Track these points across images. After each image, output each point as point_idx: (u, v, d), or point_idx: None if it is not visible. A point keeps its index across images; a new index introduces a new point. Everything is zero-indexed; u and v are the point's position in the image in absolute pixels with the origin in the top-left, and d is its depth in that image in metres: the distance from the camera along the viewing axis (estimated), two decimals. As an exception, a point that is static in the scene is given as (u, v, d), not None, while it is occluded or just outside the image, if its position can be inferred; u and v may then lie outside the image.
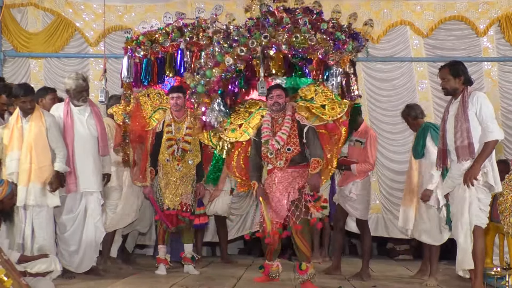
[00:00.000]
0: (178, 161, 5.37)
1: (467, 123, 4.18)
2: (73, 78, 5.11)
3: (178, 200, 5.37)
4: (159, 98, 5.62)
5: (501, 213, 4.62)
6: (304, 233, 4.73)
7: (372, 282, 5.10)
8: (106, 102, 5.68)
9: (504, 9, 7.27)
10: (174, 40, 5.49)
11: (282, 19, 5.07)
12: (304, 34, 4.95)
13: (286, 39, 4.96)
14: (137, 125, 5.47)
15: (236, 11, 6.77)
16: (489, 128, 4.14)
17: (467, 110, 4.21)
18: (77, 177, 5.01)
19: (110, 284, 4.76)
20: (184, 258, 5.50)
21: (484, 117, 4.18)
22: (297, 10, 5.20)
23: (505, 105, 7.27)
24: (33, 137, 4.80)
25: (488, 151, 4.13)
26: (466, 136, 4.18)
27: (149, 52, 5.48)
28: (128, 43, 5.55)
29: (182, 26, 5.56)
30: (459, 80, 4.36)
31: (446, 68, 4.43)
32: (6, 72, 7.35)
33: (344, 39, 4.99)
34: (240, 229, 7.20)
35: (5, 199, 4.18)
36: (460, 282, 5.20)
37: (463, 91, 4.33)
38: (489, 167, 4.17)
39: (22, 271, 4.00)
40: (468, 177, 4.11)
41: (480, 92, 4.43)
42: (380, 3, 7.14)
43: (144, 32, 5.58)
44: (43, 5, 7.40)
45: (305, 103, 5.07)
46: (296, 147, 4.81)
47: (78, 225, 5.06)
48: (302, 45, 4.94)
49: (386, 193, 7.15)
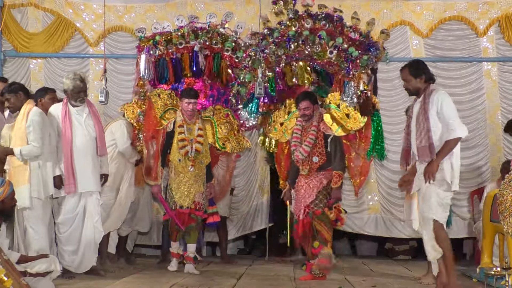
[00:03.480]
0: (192, 162, 5.42)
1: (427, 123, 4.19)
2: (71, 78, 5.11)
3: (191, 199, 5.43)
4: (169, 99, 5.66)
5: (501, 213, 4.61)
6: (323, 218, 5.05)
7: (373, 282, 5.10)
8: (106, 102, 5.71)
9: (504, 9, 7.26)
10: (188, 42, 5.63)
11: (302, 32, 5.32)
12: (323, 47, 5.19)
13: (307, 50, 5.22)
14: (150, 124, 5.56)
15: (236, 11, 6.77)
16: (451, 126, 4.16)
17: (428, 110, 4.21)
18: (76, 178, 5.00)
19: (110, 284, 4.77)
20: (187, 257, 5.53)
21: (445, 115, 4.18)
22: (319, 16, 5.41)
23: (505, 105, 7.26)
24: (13, 136, 4.79)
25: (448, 149, 4.15)
26: (426, 136, 4.20)
27: (164, 53, 5.61)
28: (144, 42, 5.68)
29: (197, 29, 5.70)
30: (421, 80, 4.35)
31: (406, 69, 4.43)
32: (6, 72, 7.34)
33: (357, 55, 5.14)
34: (240, 229, 7.20)
35: (6, 199, 4.19)
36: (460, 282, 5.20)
37: (425, 90, 4.32)
38: (447, 165, 4.19)
39: (22, 271, 3.99)
40: (427, 173, 4.15)
41: (441, 90, 4.40)
42: (380, 4, 7.13)
43: (160, 32, 5.71)
44: (43, 5, 7.39)
45: (332, 109, 5.22)
46: (322, 157, 5.13)
47: (77, 226, 5.06)
48: (320, 58, 5.18)
49: (385, 193, 7.15)
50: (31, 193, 4.71)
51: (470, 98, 7.26)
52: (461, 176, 6.97)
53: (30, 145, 4.71)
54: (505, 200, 4.59)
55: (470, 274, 5.41)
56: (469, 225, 7.01)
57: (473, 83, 7.29)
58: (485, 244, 5.41)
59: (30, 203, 4.70)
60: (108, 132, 5.70)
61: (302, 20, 5.45)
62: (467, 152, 7.16)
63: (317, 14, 5.51)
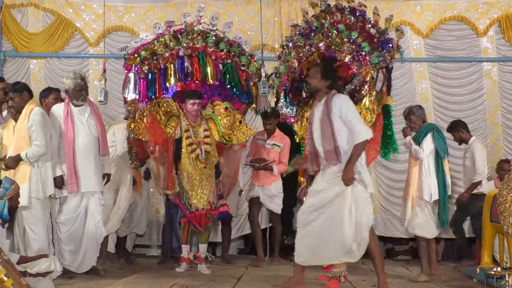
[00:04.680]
0: (204, 163, 5.48)
1: (332, 127, 4.21)
2: (71, 77, 5.12)
3: (205, 200, 5.48)
4: (169, 106, 5.64)
5: (500, 213, 4.61)
6: None
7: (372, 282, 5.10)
8: (106, 102, 5.69)
9: (504, 10, 7.27)
10: (172, 49, 5.55)
11: (324, 24, 5.33)
12: (342, 40, 5.20)
13: (325, 41, 5.23)
14: (158, 137, 5.51)
15: (236, 11, 6.78)
16: (356, 129, 4.16)
17: (331, 114, 4.22)
18: (79, 178, 5.01)
19: (110, 284, 4.77)
20: (199, 257, 5.57)
21: (349, 119, 4.19)
22: (346, 9, 5.43)
23: (505, 105, 7.27)
24: (15, 136, 4.82)
25: (358, 152, 4.16)
26: (332, 140, 4.21)
27: (152, 66, 5.54)
28: (132, 60, 5.54)
29: (177, 34, 5.62)
30: (325, 82, 4.34)
31: (319, 67, 4.41)
32: (6, 72, 7.34)
33: (368, 50, 5.14)
34: (240, 229, 7.20)
35: (13, 197, 4.21)
36: (460, 282, 5.21)
37: (327, 94, 4.32)
38: (360, 167, 4.22)
39: (22, 271, 4.00)
40: (345, 179, 4.14)
41: (341, 94, 4.41)
42: (380, 4, 7.12)
43: (144, 45, 5.59)
44: (43, 5, 7.39)
45: None
46: None
47: (78, 225, 5.06)
48: (337, 48, 5.17)
49: (385, 193, 7.16)
50: (30, 192, 4.72)
51: (470, 98, 7.27)
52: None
53: (33, 147, 4.72)
54: (504, 201, 4.60)
55: (470, 274, 5.41)
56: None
57: (473, 83, 7.29)
58: (485, 244, 5.41)
59: (28, 202, 4.69)
60: (110, 133, 5.71)
61: (331, 14, 5.49)
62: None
63: (344, 8, 5.53)
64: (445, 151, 5.25)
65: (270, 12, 7.29)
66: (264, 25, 7.05)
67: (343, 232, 4.13)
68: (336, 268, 4.71)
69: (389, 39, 5.35)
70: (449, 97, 7.30)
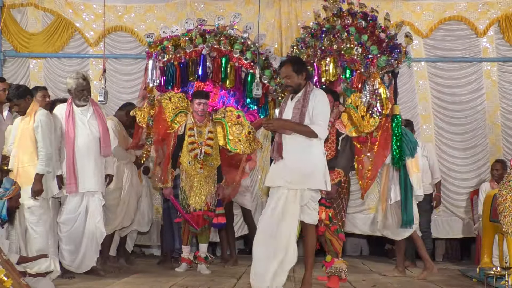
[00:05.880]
0: (201, 164, 5.49)
1: (302, 121, 4.21)
2: (74, 77, 5.14)
3: (203, 200, 5.49)
4: (180, 102, 5.66)
5: (500, 213, 4.62)
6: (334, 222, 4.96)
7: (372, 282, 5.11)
8: (105, 102, 5.71)
9: (503, 10, 7.26)
10: (196, 46, 5.62)
11: (335, 26, 5.34)
12: (352, 43, 5.22)
13: (337, 45, 5.24)
14: (160, 128, 5.55)
15: (236, 11, 6.76)
16: (317, 122, 4.17)
17: (306, 107, 4.23)
18: (78, 178, 5.02)
19: (110, 284, 4.77)
20: (199, 257, 5.59)
21: (318, 113, 4.20)
22: (358, 13, 5.48)
23: (504, 105, 7.26)
24: (19, 137, 4.85)
25: (300, 128, 4.18)
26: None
27: (172, 57, 5.60)
28: (153, 47, 5.65)
29: (204, 32, 5.69)
30: (302, 76, 4.33)
31: (289, 65, 4.35)
32: (6, 72, 7.34)
33: (376, 54, 5.15)
34: (240, 229, 7.20)
35: (13, 198, 4.22)
36: (460, 282, 5.22)
37: (305, 87, 4.32)
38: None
39: (22, 271, 4.00)
40: (268, 121, 4.41)
41: (318, 89, 4.43)
42: (380, 4, 7.11)
43: (168, 37, 5.69)
44: (43, 6, 7.39)
45: (351, 110, 5.21)
46: (332, 152, 5.01)
47: (79, 225, 5.06)
48: (347, 54, 5.18)
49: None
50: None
51: (470, 98, 7.26)
52: (461, 176, 7.09)
53: (40, 154, 4.77)
54: (504, 200, 4.60)
55: (470, 274, 5.41)
56: (468, 225, 7.01)
57: (473, 83, 7.29)
58: (485, 244, 5.42)
59: (32, 203, 4.73)
60: None
61: (343, 18, 5.51)
62: (467, 152, 7.18)
63: (356, 12, 5.56)
64: (405, 152, 5.33)
65: (269, 12, 7.29)
66: (264, 25, 7.05)
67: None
68: (337, 263, 4.79)
69: (397, 45, 5.39)
70: (448, 97, 7.29)
